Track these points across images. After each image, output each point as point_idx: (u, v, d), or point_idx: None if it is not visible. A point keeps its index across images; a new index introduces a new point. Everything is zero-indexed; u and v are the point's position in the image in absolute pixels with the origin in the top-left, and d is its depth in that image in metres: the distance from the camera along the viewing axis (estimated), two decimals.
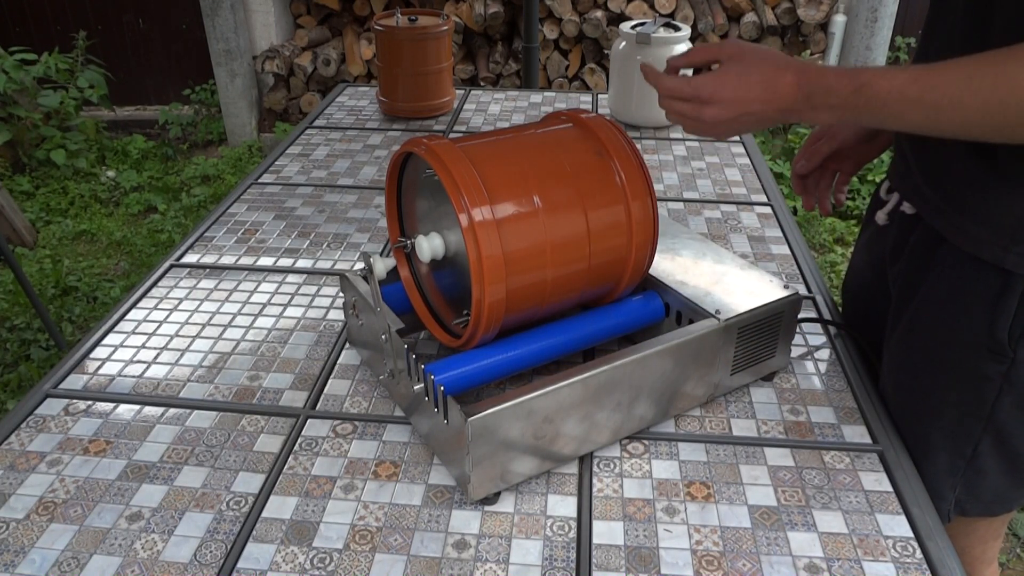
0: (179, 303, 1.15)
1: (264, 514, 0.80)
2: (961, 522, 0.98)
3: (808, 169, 1.09)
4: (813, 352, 1.04)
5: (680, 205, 1.44)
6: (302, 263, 1.26)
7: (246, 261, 1.26)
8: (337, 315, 1.12)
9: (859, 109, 0.77)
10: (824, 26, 4.08)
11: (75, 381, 0.99)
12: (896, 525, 0.79)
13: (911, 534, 0.77)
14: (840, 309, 1.17)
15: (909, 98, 0.74)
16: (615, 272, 0.90)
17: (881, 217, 1.00)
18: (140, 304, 1.15)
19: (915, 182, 0.91)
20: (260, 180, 1.55)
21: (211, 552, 0.75)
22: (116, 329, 1.09)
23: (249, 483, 0.83)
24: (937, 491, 0.92)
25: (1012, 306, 0.82)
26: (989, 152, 0.80)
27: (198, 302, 1.15)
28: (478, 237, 0.78)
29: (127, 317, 1.12)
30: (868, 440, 0.89)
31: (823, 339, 1.07)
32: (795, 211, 3.47)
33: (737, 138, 1.74)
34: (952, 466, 0.91)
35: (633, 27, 1.72)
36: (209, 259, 1.27)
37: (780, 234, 1.33)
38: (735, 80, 0.81)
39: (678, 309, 0.95)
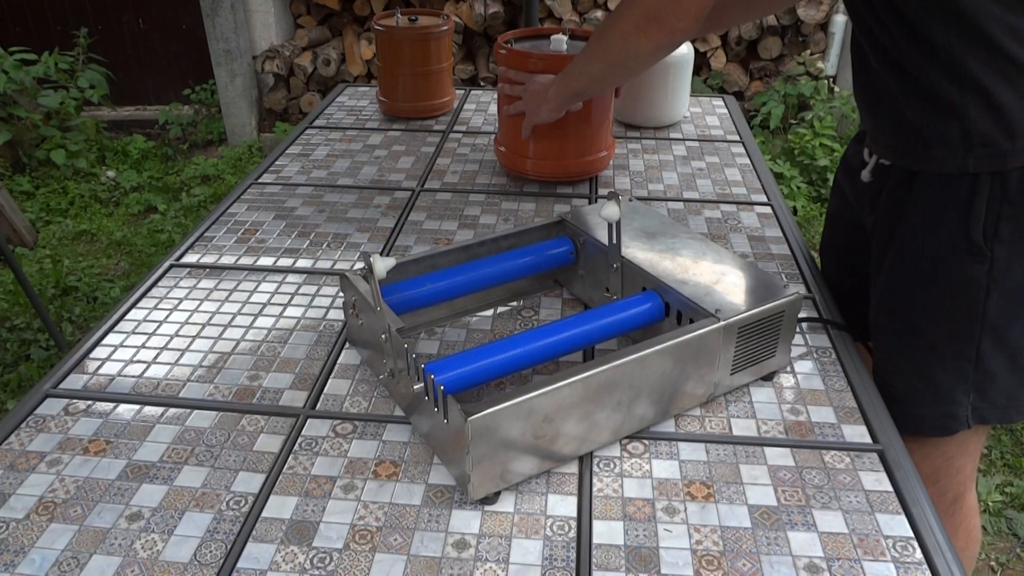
0: (179, 303, 1.15)
1: (264, 514, 0.80)
2: (955, 440, 1.06)
3: None
4: (813, 352, 1.04)
5: (680, 205, 1.44)
6: (302, 263, 1.26)
7: (246, 261, 1.26)
8: (337, 315, 1.12)
9: (572, 100, 1.32)
10: (824, 26, 4.08)
11: (75, 381, 0.99)
12: (896, 525, 0.79)
13: (911, 534, 0.77)
14: (820, 267, 1.26)
15: (578, 91, 1.28)
16: None
17: (866, 175, 1.10)
18: (140, 304, 1.15)
19: (877, 137, 1.06)
20: (260, 180, 1.55)
21: (211, 552, 0.75)
22: (116, 329, 1.09)
23: (249, 483, 0.83)
24: (952, 398, 1.01)
25: (982, 208, 0.92)
26: (923, 96, 0.94)
27: (198, 302, 1.15)
28: None
29: (127, 317, 1.12)
30: (868, 440, 0.89)
31: (823, 339, 1.07)
32: (795, 211, 3.47)
33: (737, 138, 1.74)
34: (961, 371, 0.99)
35: None
36: (209, 259, 1.27)
37: (780, 234, 1.33)
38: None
39: (678, 308, 0.95)
